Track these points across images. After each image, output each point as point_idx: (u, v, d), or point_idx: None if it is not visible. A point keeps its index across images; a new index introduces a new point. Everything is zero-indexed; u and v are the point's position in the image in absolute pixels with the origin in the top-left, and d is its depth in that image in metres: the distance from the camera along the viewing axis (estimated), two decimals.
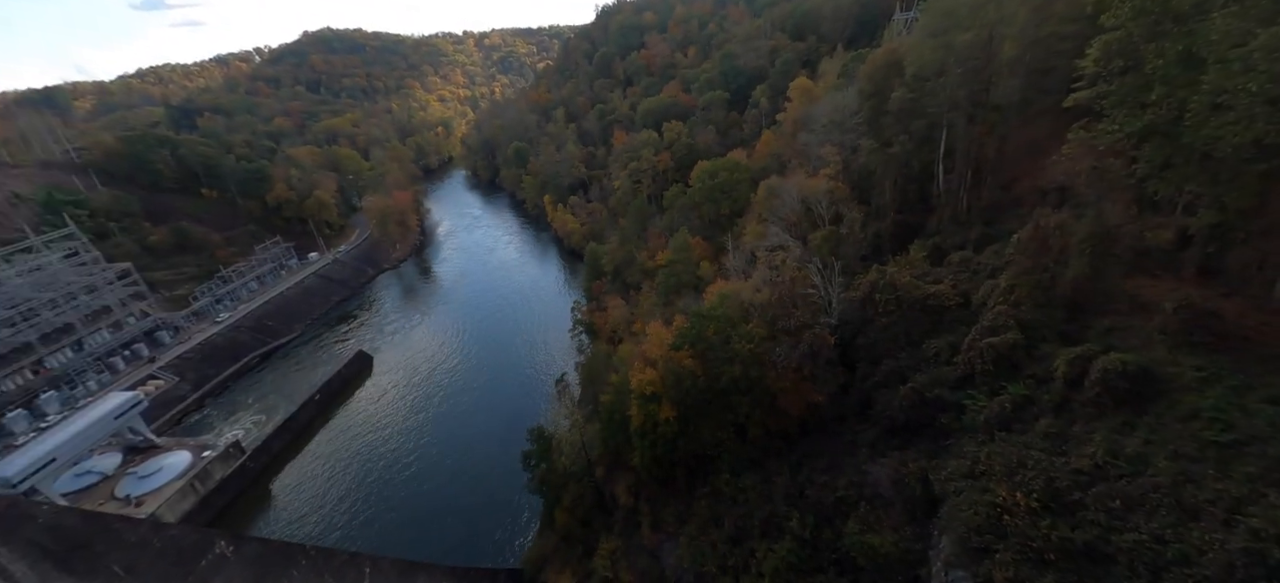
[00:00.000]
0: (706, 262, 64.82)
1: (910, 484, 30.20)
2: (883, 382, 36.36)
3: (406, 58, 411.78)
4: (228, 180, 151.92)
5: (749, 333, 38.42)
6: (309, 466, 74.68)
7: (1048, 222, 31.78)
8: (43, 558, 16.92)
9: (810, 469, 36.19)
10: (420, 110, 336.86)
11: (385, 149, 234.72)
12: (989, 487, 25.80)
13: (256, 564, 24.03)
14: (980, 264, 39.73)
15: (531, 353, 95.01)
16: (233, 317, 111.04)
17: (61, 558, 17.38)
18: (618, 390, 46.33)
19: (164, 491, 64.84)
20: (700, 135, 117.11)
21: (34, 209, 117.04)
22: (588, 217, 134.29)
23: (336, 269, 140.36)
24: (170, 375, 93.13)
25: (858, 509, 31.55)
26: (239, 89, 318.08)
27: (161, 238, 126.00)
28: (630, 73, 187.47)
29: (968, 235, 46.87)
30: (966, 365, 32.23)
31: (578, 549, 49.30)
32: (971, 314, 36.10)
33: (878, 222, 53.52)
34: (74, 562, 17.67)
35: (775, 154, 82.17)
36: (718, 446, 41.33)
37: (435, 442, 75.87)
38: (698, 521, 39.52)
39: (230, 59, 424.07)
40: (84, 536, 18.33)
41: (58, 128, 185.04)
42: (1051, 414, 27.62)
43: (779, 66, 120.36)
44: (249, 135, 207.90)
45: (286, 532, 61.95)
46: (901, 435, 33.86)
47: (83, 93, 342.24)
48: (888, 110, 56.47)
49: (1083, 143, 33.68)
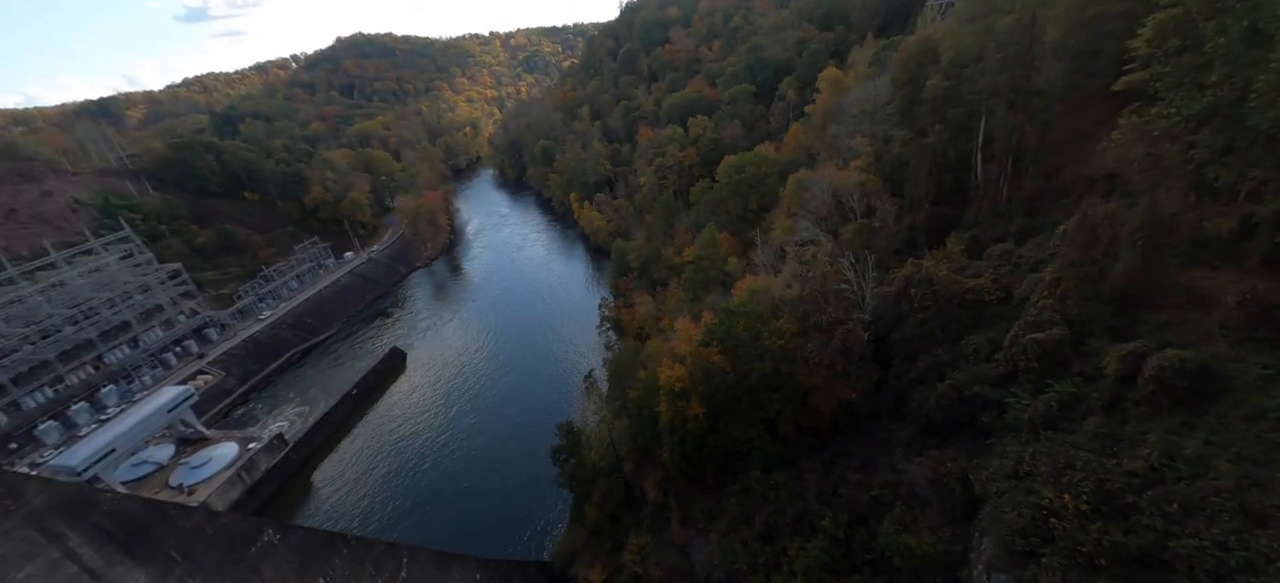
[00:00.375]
0: (734, 257, 64.20)
1: (949, 484, 29.34)
2: (919, 379, 35.37)
3: (435, 60, 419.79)
4: (268, 184, 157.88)
5: (779, 329, 37.89)
6: (347, 458, 77.20)
7: (1097, 211, 30.30)
8: (107, 542, 17.94)
9: (843, 467, 35.55)
10: (449, 111, 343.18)
11: (416, 150, 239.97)
12: (1034, 488, 24.83)
13: (302, 553, 24.97)
14: (1022, 257, 38.22)
15: (559, 349, 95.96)
16: (274, 314, 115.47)
17: (124, 543, 18.39)
18: (646, 387, 46.34)
19: (214, 480, 67.99)
20: (726, 130, 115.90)
21: (92, 214, 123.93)
22: (613, 213, 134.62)
23: (371, 268, 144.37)
24: (218, 371, 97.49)
25: (893, 509, 30.84)
26: (277, 95, 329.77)
27: (208, 239, 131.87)
28: (655, 68, 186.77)
29: (1008, 227, 45.18)
30: (1008, 362, 31.05)
31: (607, 544, 49.59)
32: (1013, 309, 34.79)
33: (912, 214, 52.04)
34: (135, 547, 18.68)
35: (803, 147, 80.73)
36: (748, 442, 40.95)
37: (466, 435, 77.43)
38: (728, 518, 39.29)
39: (269, 66, 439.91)
40: (144, 522, 19.36)
41: (113, 136, 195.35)
42: (1101, 413, 26.38)
43: (806, 58, 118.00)
44: (287, 140, 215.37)
45: (327, 522, 64.29)
46: (939, 434, 32.92)
47: (134, 103, 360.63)
48: (922, 99, 54.88)
49: (1134, 128, 31.98)
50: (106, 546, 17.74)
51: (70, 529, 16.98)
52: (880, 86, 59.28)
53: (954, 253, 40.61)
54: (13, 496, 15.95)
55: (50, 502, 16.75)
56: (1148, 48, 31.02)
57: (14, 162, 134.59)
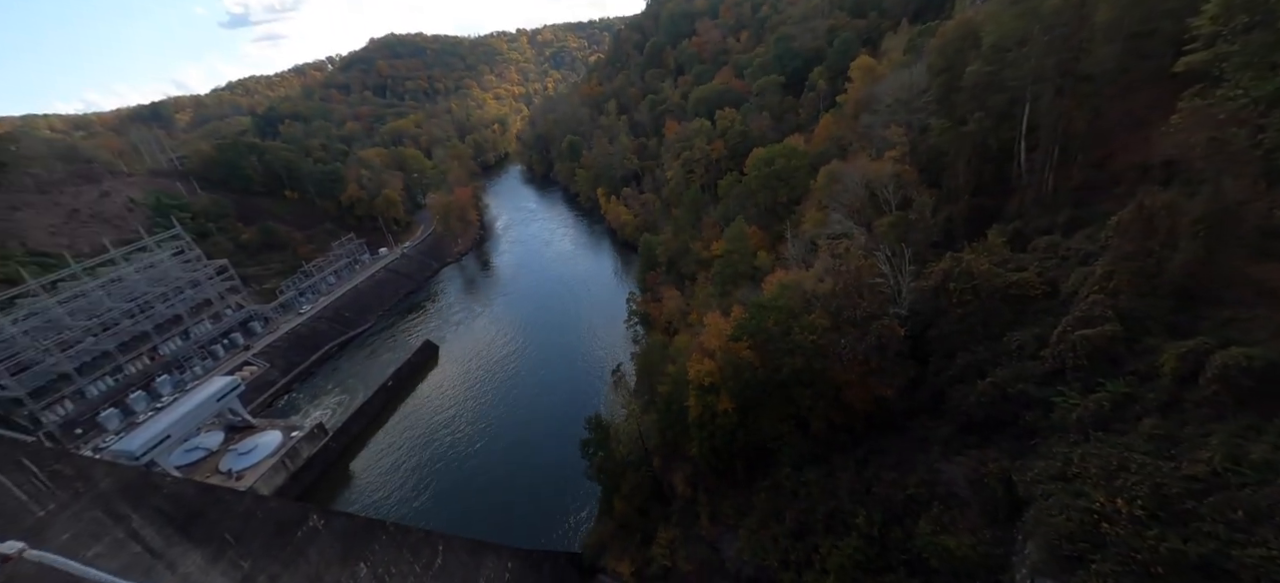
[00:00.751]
0: (763, 251, 63.34)
1: (990, 485, 28.40)
2: (958, 376, 34.29)
3: (464, 58, 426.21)
4: (307, 182, 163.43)
5: (811, 324, 37.22)
6: (383, 447, 79.62)
7: (1154, 201, 28.68)
8: (167, 523, 18.92)
9: (877, 465, 34.79)
10: (478, 109, 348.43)
11: (446, 148, 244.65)
12: (1084, 491, 23.80)
13: (344, 538, 25.85)
14: (1070, 250, 36.55)
15: (587, 343, 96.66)
16: (314, 308, 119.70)
17: (181, 524, 19.36)
18: (675, 381, 46.28)
19: (259, 466, 71.05)
20: (754, 122, 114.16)
21: (146, 213, 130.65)
22: (641, 208, 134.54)
23: (404, 264, 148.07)
24: (262, 362, 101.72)
25: (930, 509, 30.03)
26: (315, 96, 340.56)
27: (251, 236, 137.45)
28: (681, 61, 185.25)
29: (1054, 219, 43.29)
30: (1055, 360, 29.79)
31: (636, 537, 49.85)
32: (1060, 305, 33.36)
33: (950, 206, 50.31)
34: (192, 529, 19.65)
35: (835, 138, 78.87)
36: (778, 438, 40.49)
37: (496, 427, 78.83)
38: (758, 514, 38.97)
39: (306, 68, 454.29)
40: (200, 505, 20.33)
41: (163, 139, 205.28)
42: (1158, 414, 25.06)
43: (837, 46, 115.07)
44: (324, 140, 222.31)
45: (364, 509, 66.54)
46: (979, 433, 31.88)
47: (182, 106, 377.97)
48: (961, 86, 52.90)
49: (1196, 111, 30.08)
50: (166, 527, 18.71)
51: (133, 511, 17.95)
52: (916, 74, 57.36)
53: (996, 246, 39.09)
54: (82, 478, 16.92)
55: (115, 485, 17.71)
56: (1212, 26, 29.08)
57: (76, 164, 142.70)
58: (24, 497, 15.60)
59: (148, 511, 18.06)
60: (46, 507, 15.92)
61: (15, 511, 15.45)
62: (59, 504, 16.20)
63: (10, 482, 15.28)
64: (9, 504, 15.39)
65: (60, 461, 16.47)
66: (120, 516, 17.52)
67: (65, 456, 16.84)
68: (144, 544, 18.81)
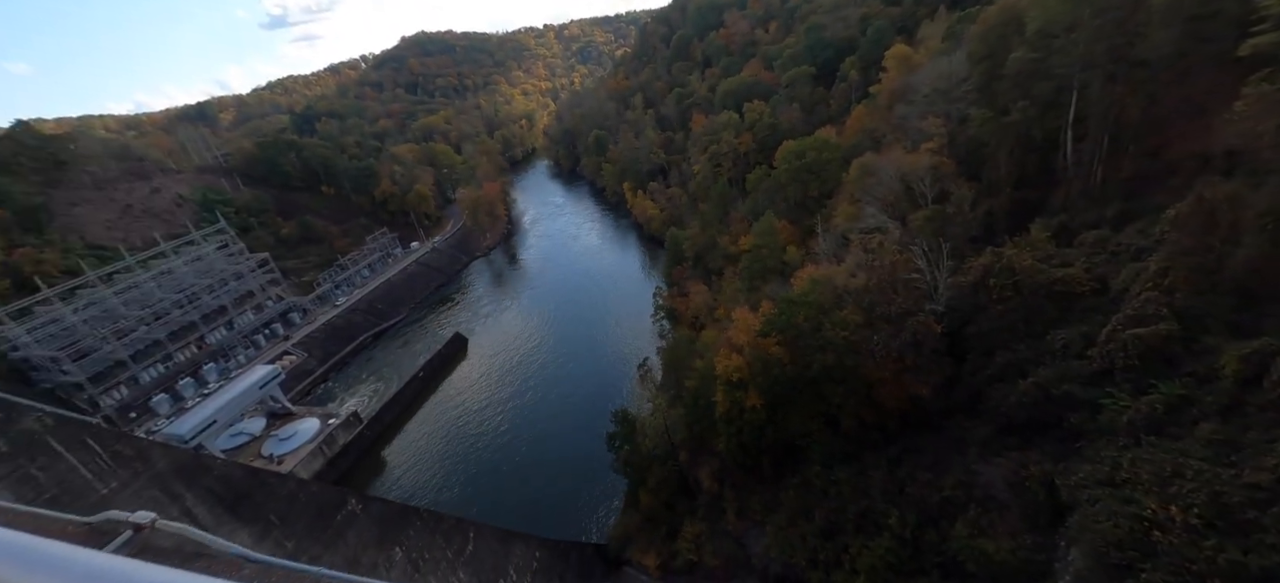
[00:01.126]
0: (793, 246, 62.31)
1: (1031, 488, 27.45)
2: (998, 375, 33.15)
3: (492, 55, 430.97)
4: (342, 178, 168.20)
5: (843, 320, 36.49)
6: (414, 436, 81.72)
7: (1215, 192, 27.07)
8: (217, 503, 19.81)
9: (911, 465, 33.98)
10: (505, 104, 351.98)
11: (475, 143, 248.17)
12: (1134, 497, 22.76)
13: (380, 522, 26.65)
14: (1121, 245, 34.86)
15: (613, 337, 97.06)
16: (349, 300, 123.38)
17: (231, 504, 20.24)
18: (703, 376, 46.06)
19: (299, 452, 73.79)
20: (783, 114, 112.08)
21: (193, 208, 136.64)
22: (667, 202, 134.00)
23: (434, 257, 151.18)
24: (301, 352, 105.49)
25: (967, 511, 29.19)
26: (349, 94, 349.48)
27: (290, 231, 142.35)
28: (709, 53, 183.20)
29: (1103, 212, 41.42)
30: (1104, 360, 28.51)
31: (661, 530, 49.97)
32: (1110, 302, 31.89)
33: (990, 199, 48.56)
34: (240, 509, 20.52)
35: (868, 130, 76.88)
36: (807, 436, 39.92)
37: (523, 419, 79.99)
38: (786, 511, 38.55)
39: (341, 67, 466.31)
40: (247, 487, 21.22)
41: (208, 137, 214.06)
42: (1217, 418, 23.76)
43: (871, 35, 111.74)
44: (359, 136, 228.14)
45: (396, 495, 68.45)
46: (1019, 435, 30.82)
47: (225, 106, 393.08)
48: (1004, 74, 50.95)
49: (1264, 97, 28.27)
50: (217, 506, 19.59)
51: (187, 490, 18.84)
52: (955, 62, 55.37)
53: (1039, 240, 37.54)
54: (142, 459, 17.81)
55: (171, 465, 18.61)
56: None
57: (129, 162, 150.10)
58: (89, 475, 16.53)
59: (200, 490, 18.97)
60: (109, 485, 16.85)
61: (81, 487, 16.40)
62: (120, 482, 17.13)
63: (77, 461, 16.21)
64: (76, 482, 16.33)
65: (121, 442, 17.43)
66: (175, 494, 18.45)
67: (125, 437, 17.80)
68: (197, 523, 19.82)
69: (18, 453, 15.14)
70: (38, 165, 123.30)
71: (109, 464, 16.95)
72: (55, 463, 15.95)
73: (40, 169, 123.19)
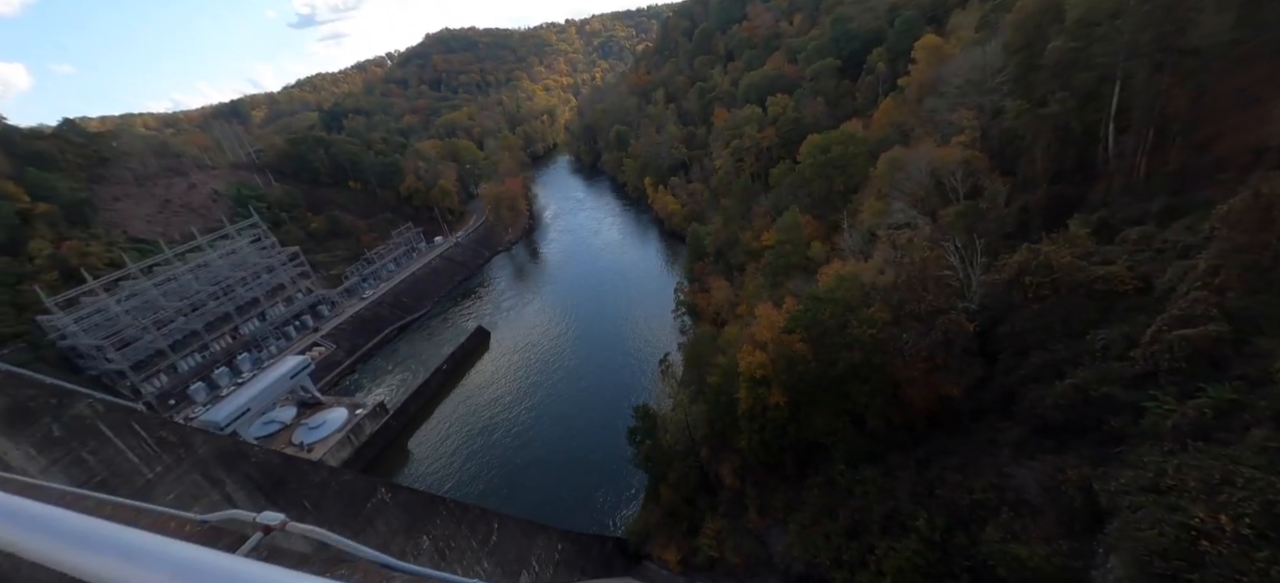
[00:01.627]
0: (817, 242, 61.37)
1: (1067, 493, 26.56)
2: (1032, 376, 32.13)
3: (514, 51, 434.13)
4: (368, 173, 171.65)
5: (871, 317, 35.79)
6: (437, 427, 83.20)
7: (1273, 186, 25.66)
8: (256, 489, 20.38)
9: (940, 467, 33.20)
10: (527, 100, 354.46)
11: (497, 139, 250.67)
12: (1180, 505, 21.82)
13: (408, 511, 27.16)
14: (1167, 242, 33.39)
15: (634, 332, 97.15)
16: (376, 293, 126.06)
17: (267, 490, 20.80)
18: (725, 373, 45.75)
19: (328, 441, 75.79)
20: (807, 108, 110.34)
21: (228, 203, 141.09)
22: (688, 197, 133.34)
23: (457, 252, 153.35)
24: (329, 343, 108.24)
25: (999, 515, 28.41)
26: (375, 91, 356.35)
27: (319, 225, 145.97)
28: (731, 47, 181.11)
29: (1147, 207, 39.74)
30: (1147, 361, 27.35)
31: (682, 526, 49.95)
32: (1154, 302, 30.58)
33: (1025, 194, 46.99)
34: (276, 495, 21.08)
35: (896, 123, 75.18)
36: (831, 434, 39.35)
37: (544, 412, 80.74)
38: (809, 510, 38.11)
39: (367, 65, 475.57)
40: (282, 474, 21.80)
41: (241, 134, 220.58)
42: (1271, 424, 22.57)
43: (899, 26, 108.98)
44: (384, 133, 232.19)
45: (421, 485, 69.81)
46: (1055, 437, 29.83)
47: (257, 104, 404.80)
48: (1041, 64, 49.23)
49: None
50: (255, 492, 20.16)
51: (227, 476, 19.43)
52: (990, 52, 53.64)
53: (1078, 236, 36.19)
54: (184, 445, 18.42)
55: (212, 452, 19.21)
56: None
57: (167, 159, 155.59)
58: (136, 459, 17.16)
59: (239, 476, 19.57)
60: (154, 469, 17.48)
61: (129, 471, 17.03)
62: (165, 467, 17.76)
63: (125, 446, 16.84)
64: (124, 466, 16.97)
65: (165, 428, 18.07)
66: (216, 480, 19.06)
67: (169, 423, 18.43)
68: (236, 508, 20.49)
69: (70, 437, 15.78)
70: (83, 161, 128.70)
71: (154, 449, 17.57)
72: (104, 447, 16.58)
73: (85, 165, 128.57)
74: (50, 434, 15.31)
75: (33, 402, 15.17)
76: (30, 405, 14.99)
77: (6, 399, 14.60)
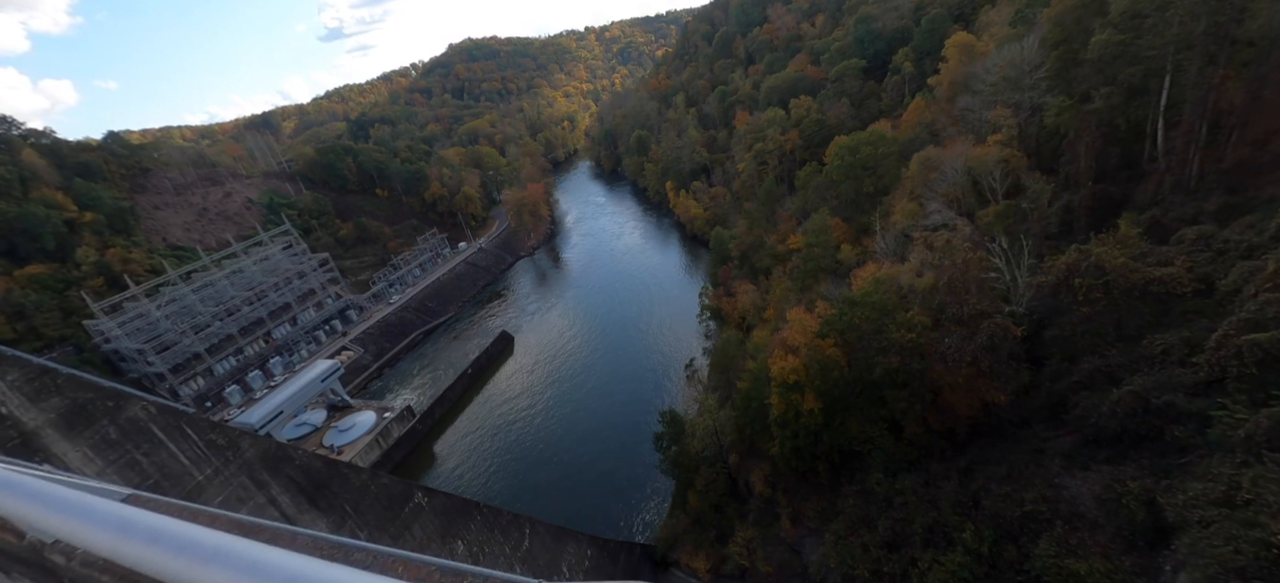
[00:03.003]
0: (846, 245, 60.16)
1: (1128, 506, 25.20)
2: (1084, 382, 30.74)
3: (535, 59, 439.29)
4: (395, 181, 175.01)
5: (909, 321, 34.73)
6: (463, 431, 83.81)
7: None
8: (299, 493, 20.50)
9: (985, 477, 31.94)
10: (547, 107, 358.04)
11: (519, 146, 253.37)
12: (1256, 520, 20.46)
13: (444, 516, 27.13)
14: (1228, 241, 31.70)
15: (657, 336, 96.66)
16: (402, 298, 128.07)
17: (310, 494, 20.91)
18: (755, 378, 44.97)
19: (357, 443, 76.91)
20: (832, 109, 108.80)
21: (261, 211, 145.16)
22: (711, 201, 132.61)
23: (481, 257, 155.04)
24: (358, 347, 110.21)
25: (1052, 528, 27.12)
26: (400, 101, 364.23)
27: (348, 232, 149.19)
28: (752, 50, 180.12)
29: (1202, 206, 37.99)
30: (1213, 368, 25.87)
31: (711, 533, 49.19)
32: (1216, 304, 29.03)
33: (1068, 193, 45.28)
34: (318, 498, 21.18)
35: (925, 124, 73.53)
36: (867, 441, 38.29)
37: (568, 416, 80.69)
38: (845, 519, 37.06)
39: (392, 76, 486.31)
40: (324, 477, 21.91)
41: (273, 144, 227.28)
42: None
43: (925, 25, 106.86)
44: (409, 141, 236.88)
45: (447, 489, 70.33)
46: (1110, 447, 28.46)
47: (288, 115, 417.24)
48: (1083, 59, 47.53)
49: None
50: (298, 496, 20.28)
51: (272, 479, 19.58)
52: (1027, 48, 52.01)
53: (1130, 236, 34.59)
54: (232, 448, 18.59)
55: (258, 454, 19.37)
56: None
57: (203, 169, 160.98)
58: (186, 462, 17.36)
59: (283, 480, 19.73)
60: (204, 472, 17.67)
61: (179, 474, 17.23)
62: (213, 470, 17.94)
63: (177, 449, 17.05)
64: (175, 468, 17.17)
65: (214, 431, 18.29)
66: (262, 482, 19.22)
67: (218, 426, 18.66)
68: (281, 510, 20.56)
69: (125, 439, 15.99)
70: (126, 172, 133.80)
71: (204, 452, 17.76)
72: (157, 450, 16.79)
73: (128, 175, 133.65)
74: (107, 436, 15.54)
75: (92, 404, 15.40)
76: (89, 408, 15.21)
77: (67, 401, 14.84)
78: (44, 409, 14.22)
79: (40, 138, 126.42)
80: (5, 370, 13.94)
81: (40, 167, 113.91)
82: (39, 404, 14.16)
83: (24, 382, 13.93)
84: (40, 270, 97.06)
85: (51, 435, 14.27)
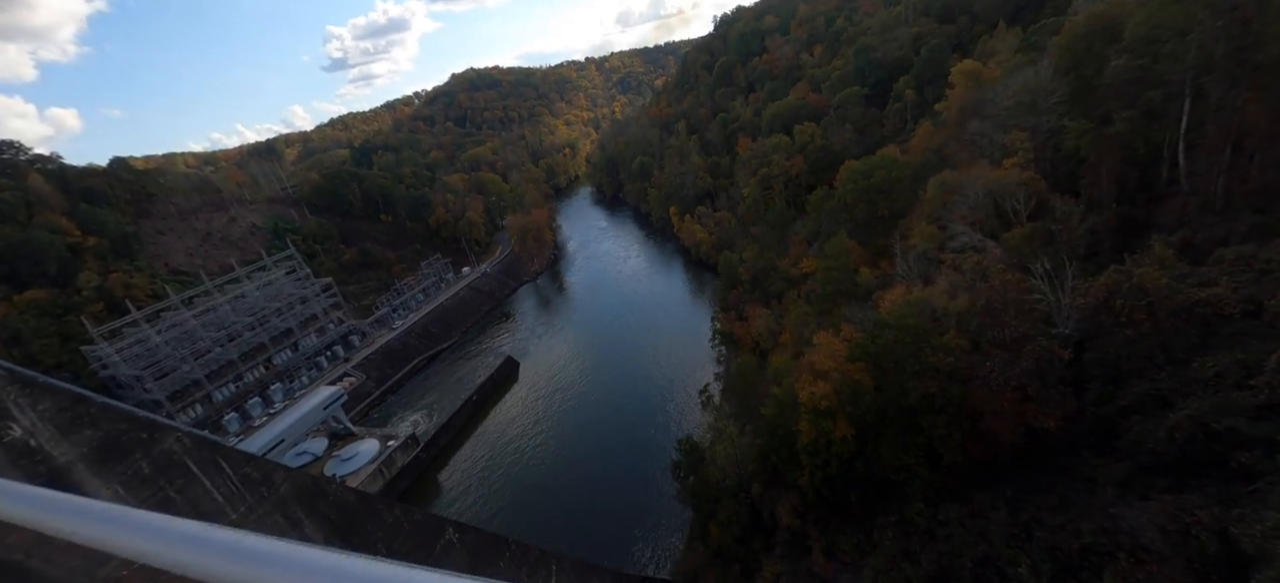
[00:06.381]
0: (865, 267, 59.69)
1: (1198, 538, 23.97)
2: (1134, 407, 29.76)
3: (536, 88, 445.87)
4: (399, 206, 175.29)
5: (947, 344, 33.88)
6: (468, 460, 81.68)
7: None
8: (332, 531, 19.24)
9: (1035, 507, 30.63)
10: (549, 134, 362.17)
11: (521, 172, 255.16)
12: None
13: (474, 552, 25.71)
14: (1271, 262, 31.16)
15: (665, 363, 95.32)
16: (405, 324, 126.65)
17: (343, 531, 19.64)
18: (780, 404, 43.80)
19: (360, 473, 74.72)
20: (835, 135, 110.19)
21: (265, 236, 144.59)
22: (716, 226, 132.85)
23: (484, 282, 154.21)
24: (360, 374, 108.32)
25: (1116, 562, 25.78)
26: (403, 129, 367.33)
27: (351, 257, 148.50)
28: (752, 78, 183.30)
29: (1232, 226, 37.68)
30: (1274, 391, 25.01)
31: (734, 568, 47.31)
32: (1267, 325, 28.32)
33: (1093, 215, 45.04)
34: (351, 535, 19.90)
35: (934, 148, 74.15)
36: (903, 470, 36.98)
37: (576, 444, 78.88)
38: (884, 553, 35.49)
39: (396, 104, 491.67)
40: (358, 513, 20.65)
41: (277, 170, 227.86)
42: None
43: (925, 54, 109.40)
44: (413, 167, 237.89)
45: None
46: (1169, 475, 27.29)
47: (292, 142, 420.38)
48: (1098, 84, 47.88)
49: None
50: (331, 534, 19.00)
51: (306, 517, 18.32)
52: (1041, 74, 52.52)
53: (1166, 257, 34.12)
54: (267, 482, 17.40)
55: (292, 489, 18.16)
56: None
57: (207, 194, 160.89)
58: (221, 498, 16.16)
59: (318, 517, 18.46)
60: (238, 509, 16.45)
61: (213, 511, 16.00)
62: (247, 507, 16.72)
63: (211, 484, 15.87)
64: (208, 505, 15.96)
65: (249, 464, 17.11)
66: (295, 520, 17.95)
67: (253, 459, 17.49)
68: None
69: (158, 475, 14.85)
70: (130, 197, 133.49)
71: (238, 488, 16.60)
72: (191, 485, 15.64)
73: (132, 201, 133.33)
74: (140, 472, 14.41)
75: (125, 436, 14.31)
76: (123, 441, 14.13)
77: (100, 433, 13.75)
78: (76, 443, 13.13)
79: (46, 163, 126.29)
80: (37, 399, 12.86)
81: (46, 191, 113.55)
82: (70, 437, 13.07)
83: (56, 412, 12.87)
84: (40, 296, 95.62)
85: (82, 471, 13.15)
